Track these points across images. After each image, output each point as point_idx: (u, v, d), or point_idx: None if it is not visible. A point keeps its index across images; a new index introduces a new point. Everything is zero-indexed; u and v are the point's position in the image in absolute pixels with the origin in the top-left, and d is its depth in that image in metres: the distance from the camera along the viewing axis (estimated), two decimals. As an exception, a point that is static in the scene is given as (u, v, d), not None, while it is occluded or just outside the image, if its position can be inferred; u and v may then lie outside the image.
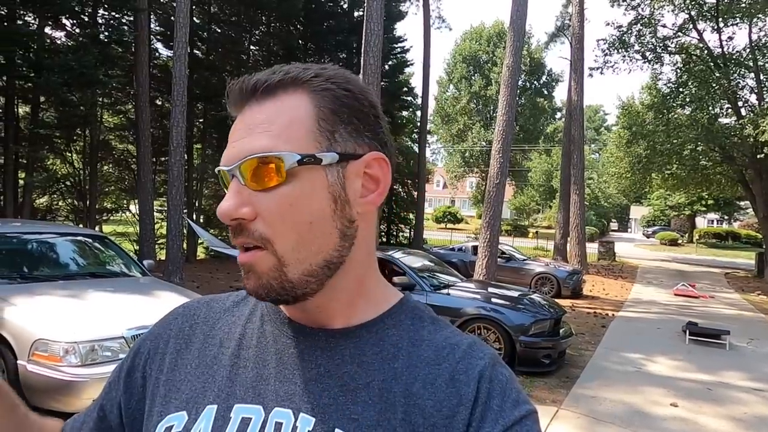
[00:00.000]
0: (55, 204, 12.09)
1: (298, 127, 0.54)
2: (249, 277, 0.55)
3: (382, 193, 0.58)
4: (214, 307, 0.67)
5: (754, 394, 5.17)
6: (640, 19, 17.41)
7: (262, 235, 0.53)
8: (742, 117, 15.65)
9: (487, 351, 0.59)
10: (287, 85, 0.55)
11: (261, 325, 0.62)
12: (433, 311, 0.64)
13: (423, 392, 0.55)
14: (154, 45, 13.53)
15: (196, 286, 8.66)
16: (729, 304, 11.64)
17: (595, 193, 44.97)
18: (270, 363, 0.58)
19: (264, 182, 0.53)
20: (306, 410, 0.54)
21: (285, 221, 0.53)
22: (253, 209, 0.53)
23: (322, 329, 0.59)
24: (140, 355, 0.65)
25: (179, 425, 0.56)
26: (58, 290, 4.04)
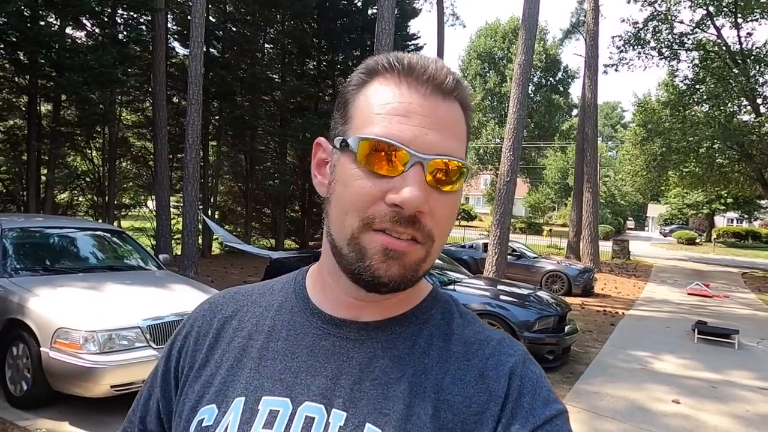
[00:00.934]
0: (76, 199, 12.42)
1: (464, 141, 0.57)
2: (392, 264, 0.53)
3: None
4: (240, 299, 0.67)
5: (759, 393, 5.18)
6: (656, 15, 17.24)
7: (430, 232, 0.53)
8: (761, 114, 15.42)
9: (518, 347, 0.59)
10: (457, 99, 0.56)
11: (291, 317, 0.62)
12: (461, 304, 0.65)
13: (452, 388, 0.55)
14: (171, 44, 13.80)
15: (210, 281, 8.87)
16: (744, 304, 11.52)
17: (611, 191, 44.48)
18: (300, 356, 0.58)
19: (445, 185, 0.53)
20: (338, 405, 0.54)
21: (447, 226, 0.55)
22: (428, 206, 0.53)
23: (354, 321, 0.59)
24: (172, 358, 0.65)
25: (210, 418, 0.56)
26: (78, 282, 4.23)
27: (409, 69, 0.54)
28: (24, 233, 4.74)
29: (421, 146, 0.52)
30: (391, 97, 0.54)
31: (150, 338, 3.69)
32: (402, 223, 0.51)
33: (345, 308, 0.60)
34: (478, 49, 39.27)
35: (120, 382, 3.48)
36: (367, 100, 0.55)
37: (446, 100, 0.54)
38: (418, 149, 0.51)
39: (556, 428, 0.53)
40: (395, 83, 0.54)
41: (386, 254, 0.52)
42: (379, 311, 0.59)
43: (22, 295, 3.81)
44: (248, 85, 14.26)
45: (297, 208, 17.33)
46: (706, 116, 16.65)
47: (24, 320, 3.67)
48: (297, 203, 17.17)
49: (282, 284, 0.68)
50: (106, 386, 3.44)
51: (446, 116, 0.54)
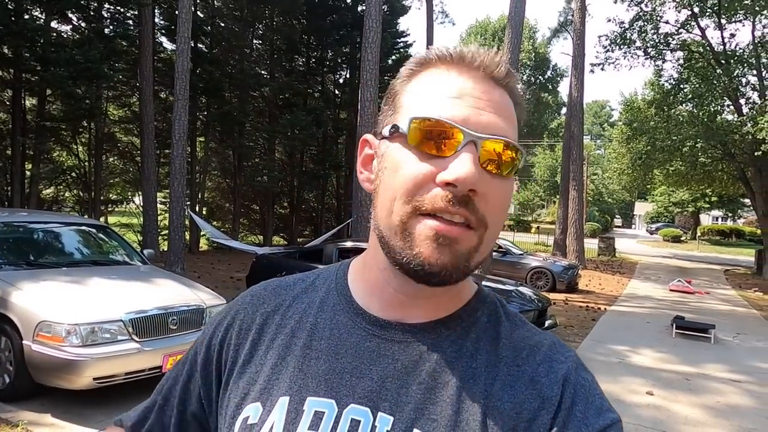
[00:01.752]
0: (61, 195, 12.37)
1: (516, 131, 0.56)
2: (443, 251, 0.50)
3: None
4: (282, 294, 0.66)
5: (731, 385, 5.34)
6: (642, 15, 17.43)
7: (483, 217, 0.51)
8: (743, 114, 15.69)
9: (570, 353, 0.57)
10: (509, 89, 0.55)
11: (333, 316, 0.60)
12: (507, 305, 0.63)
13: (502, 394, 0.53)
14: (159, 39, 13.74)
15: (197, 276, 8.89)
16: (724, 300, 11.77)
17: (599, 188, 44.94)
18: (344, 356, 0.57)
19: (496, 168, 0.51)
20: (384, 409, 0.53)
21: (501, 212, 0.53)
22: (483, 188, 0.50)
23: (399, 323, 0.57)
24: (212, 349, 0.64)
25: (254, 417, 0.56)
26: (62, 276, 4.25)
27: (460, 57, 0.54)
28: (8, 228, 4.75)
29: (475, 126, 0.50)
30: (443, 81, 0.53)
31: (133, 331, 3.73)
32: (455, 204, 0.49)
33: (390, 309, 0.58)
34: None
35: (102, 375, 3.53)
36: (417, 87, 0.55)
37: (499, 88, 0.54)
38: (471, 128, 0.50)
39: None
40: (446, 70, 0.54)
41: (437, 240, 0.50)
42: (424, 313, 0.58)
43: (5, 288, 3.84)
44: (236, 81, 14.24)
45: (285, 205, 17.35)
46: (690, 115, 16.91)
47: (6, 314, 3.70)
48: (285, 200, 17.19)
49: (323, 279, 0.66)
50: (88, 379, 3.48)
51: (500, 101, 0.53)
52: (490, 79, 0.53)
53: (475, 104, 0.51)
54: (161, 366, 3.81)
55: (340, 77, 18.57)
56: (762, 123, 13.10)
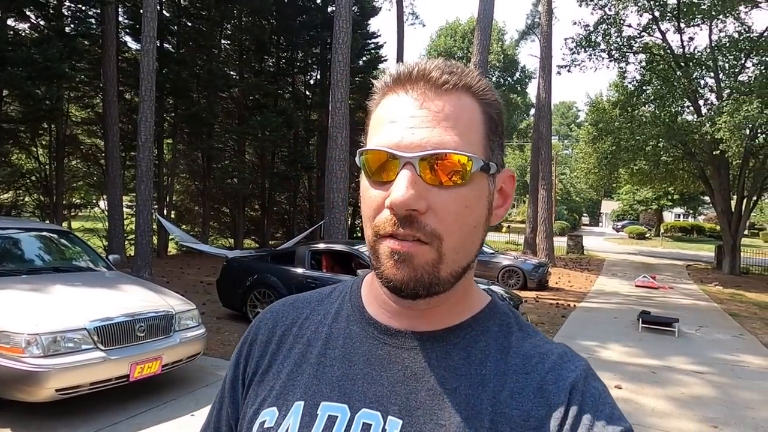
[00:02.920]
0: (20, 199, 11.89)
1: (476, 131, 0.54)
2: (401, 267, 0.52)
3: (507, 208, 0.61)
4: (300, 307, 0.69)
5: (694, 377, 5.53)
6: (606, 18, 17.91)
7: (434, 231, 0.52)
8: (702, 115, 16.30)
9: (580, 363, 0.57)
10: (464, 88, 0.55)
11: (347, 326, 0.63)
12: (521, 316, 0.64)
13: (510, 401, 0.54)
14: (123, 38, 13.37)
15: (165, 281, 8.68)
16: (687, 295, 12.18)
17: (567, 188, 45.95)
18: (357, 363, 0.59)
19: (445, 179, 0.52)
20: (394, 413, 0.54)
21: (457, 221, 0.53)
22: (426, 203, 0.51)
23: (410, 331, 0.59)
24: (239, 366, 0.67)
25: (271, 420, 0.58)
26: (22, 284, 4.09)
27: (397, 76, 0.55)
28: (-39, 235, 4.54)
29: (407, 147, 0.51)
30: (387, 107, 0.55)
31: (98, 340, 3.61)
32: (400, 225, 0.51)
33: (399, 318, 0.60)
34: (438, 49, 39.77)
35: (66, 386, 3.40)
36: (373, 118, 0.57)
37: (443, 95, 0.54)
38: (404, 150, 0.51)
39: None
40: (392, 94, 0.56)
41: (393, 258, 0.53)
42: (434, 322, 0.59)
43: (-40, 298, 3.66)
44: (204, 81, 13.98)
45: (257, 207, 17.12)
46: (652, 116, 17.43)
47: (-39, 325, 3.53)
48: (256, 202, 16.96)
49: (339, 292, 0.69)
50: (50, 390, 3.35)
51: (441, 111, 0.53)
52: (431, 89, 0.54)
53: (409, 124, 0.52)
54: (128, 375, 3.70)
55: (310, 78, 18.45)
56: (720, 123, 13.62)
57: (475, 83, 0.56)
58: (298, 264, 6.54)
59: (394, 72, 0.56)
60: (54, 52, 8.81)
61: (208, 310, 7.16)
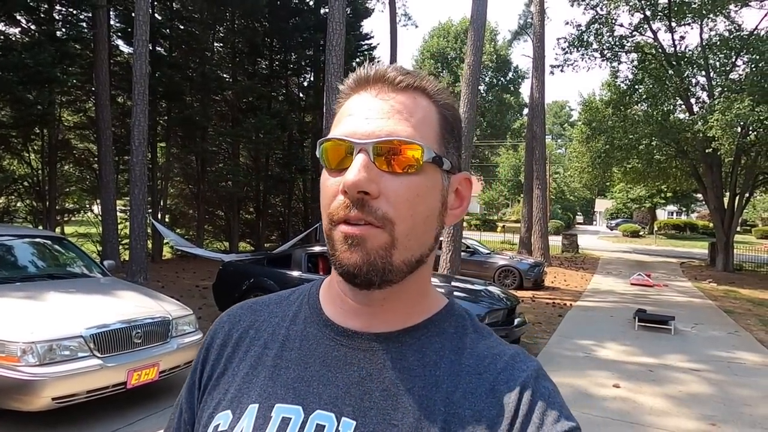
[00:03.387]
0: (13, 205, 11.77)
1: (430, 127, 0.57)
2: (354, 251, 0.54)
3: (464, 210, 0.63)
4: (258, 310, 0.69)
5: (690, 374, 5.56)
6: (598, 18, 17.99)
7: (385, 215, 0.53)
8: (694, 113, 16.40)
9: (531, 363, 0.58)
10: (419, 89, 0.58)
11: (304, 328, 0.63)
12: (477, 319, 0.65)
13: (463, 401, 0.54)
14: (115, 42, 13.29)
15: (161, 286, 8.63)
16: (681, 292, 12.25)
17: (561, 187, 46.11)
18: (313, 365, 0.59)
19: (397, 166, 0.54)
20: (348, 414, 0.55)
21: (410, 208, 0.54)
22: (378, 188, 0.53)
23: (365, 333, 0.60)
24: (195, 371, 0.67)
25: (225, 424, 0.58)
26: (16, 292, 4.05)
27: (358, 78, 0.59)
28: (-46, 242, 4.49)
29: (362, 134, 0.54)
30: (347, 106, 0.59)
31: (94, 347, 3.58)
32: (352, 208, 0.53)
33: (356, 319, 0.60)
34: (431, 50, 39.79)
35: (62, 394, 3.37)
36: (335, 118, 0.60)
37: (399, 92, 0.57)
38: (359, 137, 0.54)
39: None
40: (354, 94, 0.59)
41: (347, 242, 0.54)
42: (390, 323, 0.60)
43: (-47, 307, 3.62)
44: (198, 84, 13.93)
45: (251, 210, 17.06)
46: (645, 115, 17.53)
47: (-45, 334, 3.48)
48: (251, 205, 16.90)
49: (297, 294, 0.69)
50: (47, 399, 3.31)
51: (393, 104, 0.56)
52: (389, 89, 0.57)
53: (365, 115, 0.55)
54: (126, 382, 3.67)
55: (304, 80, 18.42)
56: (712, 121, 13.71)
57: (431, 86, 0.59)
58: (295, 267, 6.52)
59: (355, 74, 0.59)
60: (46, 57, 8.75)
61: (205, 314, 7.12)
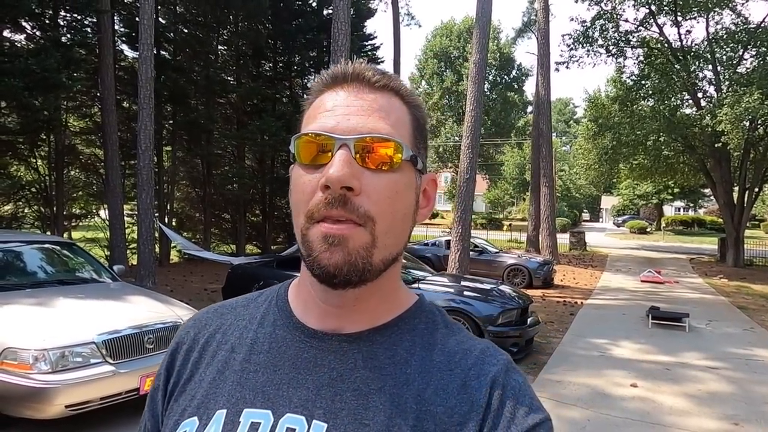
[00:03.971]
0: (21, 211, 11.79)
1: (405, 127, 0.58)
2: (334, 250, 0.52)
3: (430, 210, 0.63)
4: (224, 313, 0.67)
5: (708, 372, 5.46)
6: (603, 14, 17.87)
7: (367, 212, 0.53)
8: (702, 108, 16.25)
9: (501, 357, 0.59)
10: (393, 90, 0.59)
11: (273, 330, 0.62)
12: (447, 314, 0.65)
13: (435, 398, 0.54)
14: (120, 47, 13.30)
15: (169, 290, 8.60)
16: (693, 289, 12.13)
17: (566, 184, 45.88)
18: (282, 368, 0.58)
19: (378, 163, 0.54)
20: (318, 416, 0.54)
21: (390, 205, 0.54)
22: (360, 184, 0.53)
23: (335, 333, 0.59)
24: (160, 377, 0.65)
25: (191, 431, 0.56)
26: (26, 299, 4.01)
27: (334, 75, 0.58)
28: (-36, 249, 4.47)
29: (343, 130, 0.54)
30: (323, 101, 0.58)
31: (106, 353, 3.54)
32: (334, 205, 0.52)
33: (326, 320, 0.60)
34: (434, 49, 39.72)
35: (75, 402, 3.33)
36: (306, 113, 0.60)
37: (374, 92, 0.57)
38: (340, 133, 0.54)
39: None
40: (329, 91, 0.58)
41: (327, 242, 0.52)
42: (360, 323, 0.59)
43: (-36, 315, 3.59)
44: (202, 87, 13.92)
45: (258, 212, 17.04)
46: (652, 110, 17.38)
47: (-33, 342, 3.45)
48: (257, 207, 16.88)
49: (265, 297, 0.68)
50: (59, 407, 3.27)
51: (372, 103, 0.56)
52: (365, 87, 0.57)
53: (344, 112, 0.55)
54: (138, 388, 3.63)
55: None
56: (720, 116, 13.58)
57: (402, 88, 0.60)
58: (304, 269, 6.47)
59: (331, 72, 0.59)
60: (51, 62, 8.73)
61: (214, 318, 7.08)
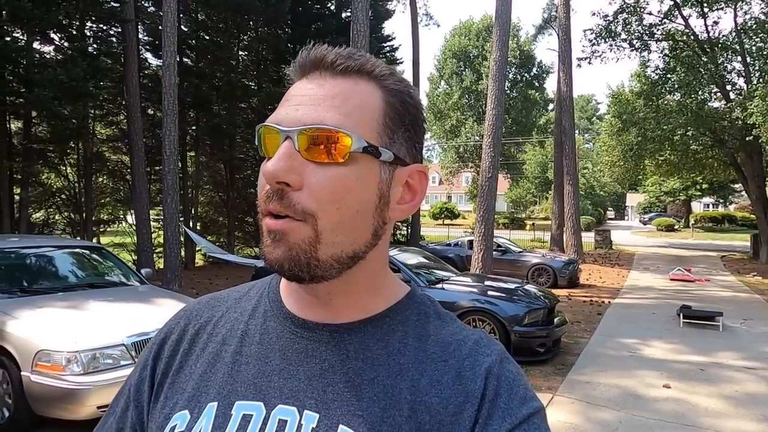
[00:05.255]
0: (52, 218, 12.13)
1: (368, 115, 0.54)
2: (277, 245, 0.52)
3: (415, 205, 0.59)
4: (216, 305, 0.66)
5: (745, 373, 5.28)
6: (625, 7, 17.53)
7: (305, 209, 0.51)
8: (731, 100, 15.78)
9: (495, 347, 0.58)
10: (363, 73, 0.55)
11: (264, 322, 0.61)
12: (440, 305, 0.64)
13: (429, 389, 0.54)
14: (144, 55, 13.58)
15: (195, 293, 8.72)
16: (725, 287, 11.76)
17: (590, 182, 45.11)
18: (273, 359, 0.57)
19: (323, 156, 0.51)
20: (310, 406, 0.53)
21: (334, 201, 0.52)
22: (301, 178, 0.51)
23: (327, 324, 0.58)
24: (146, 367, 0.64)
25: (182, 424, 0.55)
26: (58, 302, 4.11)
27: (299, 63, 0.57)
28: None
29: (290, 121, 0.52)
30: (287, 93, 0.56)
31: (135, 355, 3.59)
32: (269, 201, 0.52)
33: (315, 310, 0.59)
34: (453, 48, 39.51)
35: (106, 403, 3.37)
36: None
37: (338, 78, 0.54)
38: (286, 124, 0.52)
39: (534, 426, 0.52)
40: (297, 80, 0.57)
41: (270, 236, 0.52)
42: (351, 313, 0.58)
43: (0, 318, 3.69)
44: (224, 93, 14.10)
45: (280, 215, 17.20)
46: (678, 104, 16.96)
47: (3, 345, 3.55)
48: (280, 210, 17.03)
49: (257, 288, 0.67)
50: (92, 408, 3.34)
51: (329, 91, 0.53)
52: (327, 73, 0.55)
53: (296, 102, 0.54)
54: (167, 389, 3.67)
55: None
56: (751, 108, 13.16)
57: (376, 70, 0.56)
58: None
59: (296, 60, 0.57)
60: (78, 72, 8.97)
61: (239, 320, 7.16)
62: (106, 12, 10.74)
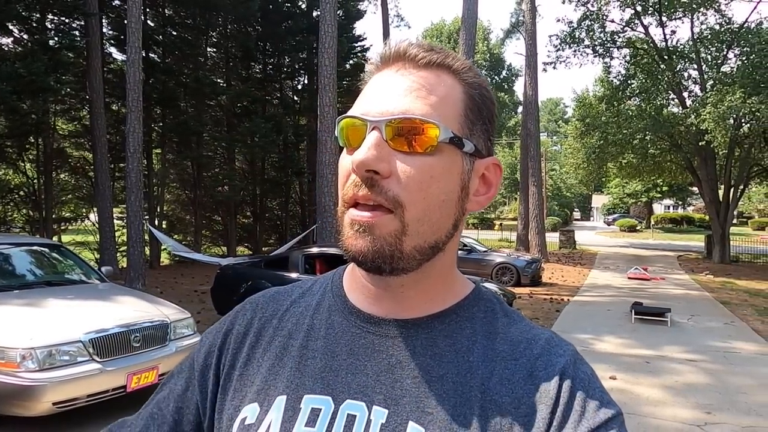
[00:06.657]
0: (9, 215, 11.78)
1: (452, 107, 0.54)
2: (359, 237, 0.52)
3: (491, 197, 0.60)
4: (280, 299, 0.67)
5: (687, 365, 5.60)
6: (589, 14, 18.09)
7: (396, 197, 0.51)
8: (687, 106, 16.49)
9: (567, 347, 0.57)
10: (444, 67, 0.56)
11: (329, 316, 0.61)
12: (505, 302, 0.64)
13: (500, 388, 0.53)
14: (108, 50, 13.31)
15: (159, 292, 8.63)
16: (678, 285, 12.32)
17: (557, 183, 46.22)
18: (340, 354, 0.57)
19: (411, 146, 0.52)
20: (379, 402, 0.53)
21: (422, 190, 0.52)
22: (389, 167, 0.51)
23: (393, 319, 0.58)
24: (211, 355, 0.64)
25: (252, 417, 0.56)
26: (14, 299, 4.07)
27: (382, 56, 0.57)
28: (-49, 252, 4.51)
29: (377, 112, 0.52)
30: (368, 85, 0.57)
31: (93, 352, 3.60)
32: (360, 188, 0.51)
33: (381, 304, 0.59)
34: (424, 50, 39.84)
35: (62, 399, 3.39)
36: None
37: (419, 70, 0.55)
38: (374, 115, 0.52)
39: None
40: (377, 73, 0.57)
41: (354, 228, 0.52)
42: (417, 309, 0.58)
43: (-48, 316, 3.64)
44: (192, 90, 13.94)
45: (249, 214, 17.09)
46: (638, 109, 17.62)
47: (-45, 342, 3.51)
48: (248, 209, 16.93)
49: (321, 283, 0.68)
50: (47, 404, 3.34)
51: (414, 83, 0.54)
52: (410, 66, 0.55)
53: (382, 93, 0.54)
54: (125, 385, 3.69)
55: (298, 83, 18.46)
56: (704, 114, 13.79)
57: (457, 64, 0.56)
58: (292, 269, 6.55)
59: (380, 53, 0.58)
60: (39, 66, 8.76)
61: (204, 318, 7.13)
62: (68, 5, 10.50)
